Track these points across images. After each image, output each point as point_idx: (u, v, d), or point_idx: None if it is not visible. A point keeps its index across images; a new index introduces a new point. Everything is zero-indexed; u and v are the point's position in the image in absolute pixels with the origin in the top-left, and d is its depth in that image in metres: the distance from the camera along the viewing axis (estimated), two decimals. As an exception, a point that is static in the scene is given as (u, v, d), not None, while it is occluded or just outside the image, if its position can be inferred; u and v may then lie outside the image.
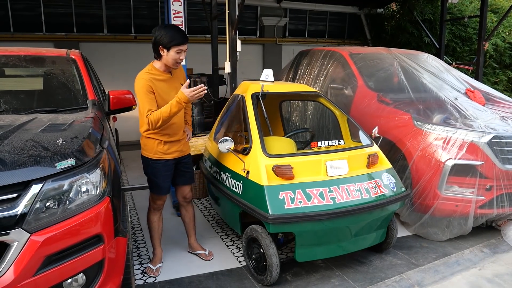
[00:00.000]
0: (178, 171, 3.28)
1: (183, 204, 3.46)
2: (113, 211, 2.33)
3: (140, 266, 3.40)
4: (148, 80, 2.97)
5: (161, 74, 3.05)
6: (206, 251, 3.52)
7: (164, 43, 2.92)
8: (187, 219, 3.51)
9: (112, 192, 2.38)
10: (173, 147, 3.15)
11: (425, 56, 5.53)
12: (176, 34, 2.92)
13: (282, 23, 9.48)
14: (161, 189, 3.21)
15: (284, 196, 2.87)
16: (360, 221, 3.04)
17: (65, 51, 3.85)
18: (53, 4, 7.95)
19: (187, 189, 3.40)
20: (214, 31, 6.12)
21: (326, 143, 3.27)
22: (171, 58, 2.95)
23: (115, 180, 2.60)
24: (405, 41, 8.54)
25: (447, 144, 3.70)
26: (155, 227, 3.35)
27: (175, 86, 3.10)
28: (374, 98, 4.53)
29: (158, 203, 3.31)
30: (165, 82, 3.06)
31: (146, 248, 3.72)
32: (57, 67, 3.60)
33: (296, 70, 6.05)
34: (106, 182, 2.33)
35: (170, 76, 3.10)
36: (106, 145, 2.65)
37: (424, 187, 3.77)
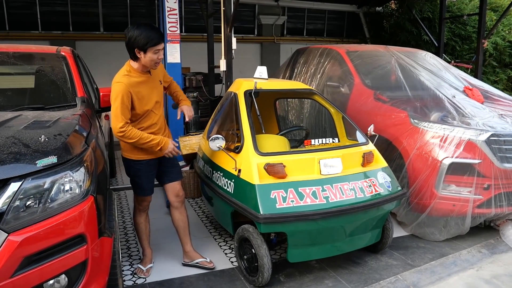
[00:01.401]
0: (163, 169, 3.14)
1: (175, 205, 3.22)
2: (98, 210, 2.26)
3: (130, 267, 3.33)
4: (128, 85, 2.80)
5: (140, 75, 2.89)
6: (207, 258, 3.28)
7: (140, 45, 2.74)
8: (182, 224, 3.23)
9: (97, 191, 2.31)
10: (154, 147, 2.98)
11: (423, 54, 5.46)
12: (151, 34, 2.74)
13: (280, 22, 9.42)
14: (145, 190, 3.11)
15: (276, 195, 2.80)
16: (354, 220, 2.97)
17: (56, 48, 3.80)
18: (49, 2, 7.90)
19: (177, 186, 3.19)
20: (210, 29, 6.07)
21: (320, 141, 3.20)
22: (149, 59, 2.79)
23: (101, 178, 2.53)
24: (404, 40, 8.47)
25: (444, 142, 3.63)
26: (142, 228, 3.24)
27: (155, 86, 3.00)
28: (370, 96, 4.46)
29: (143, 204, 3.20)
30: (145, 84, 2.91)
31: (137, 249, 3.64)
32: (46, 64, 3.54)
33: (293, 68, 5.99)
34: (90, 180, 2.26)
35: (149, 76, 2.95)
36: (92, 143, 2.58)
37: (421, 186, 3.70)
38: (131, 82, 2.82)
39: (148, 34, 2.74)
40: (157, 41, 2.76)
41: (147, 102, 2.93)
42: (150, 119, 2.98)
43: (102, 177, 2.57)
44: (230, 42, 5.15)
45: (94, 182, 2.30)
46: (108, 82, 8.05)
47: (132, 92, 2.83)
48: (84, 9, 8.12)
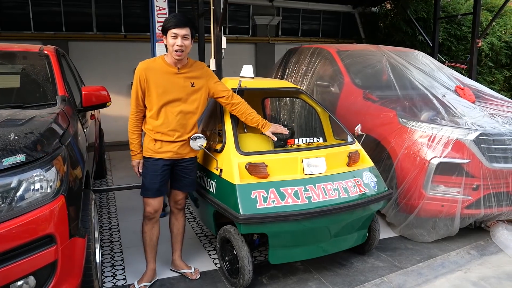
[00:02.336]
0: (176, 174, 2.98)
1: (173, 211, 3.14)
2: (69, 210, 2.20)
3: (112, 268, 3.27)
4: (145, 68, 2.78)
5: (165, 66, 2.81)
6: (191, 269, 3.15)
7: (163, 29, 2.76)
8: (175, 230, 3.13)
9: (69, 190, 2.26)
10: (166, 147, 2.86)
11: (415, 53, 5.41)
12: (171, 18, 2.71)
13: (275, 22, 9.37)
14: (146, 190, 2.90)
15: (257, 195, 2.74)
16: (337, 221, 2.91)
17: (39, 46, 3.75)
18: (42, 2, 7.85)
19: (179, 195, 3.06)
20: (200, 29, 6.01)
21: (304, 141, 3.14)
22: (169, 44, 2.72)
23: (76, 178, 2.48)
24: (400, 40, 8.41)
25: (432, 142, 3.57)
26: (146, 239, 3.00)
27: (181, 84, 2.83)
28: (360, 95, 4.40)
29: (147, 210, 2.94)
30: (168, 76, 2.80)
31: (120, 250, 3.59)
32: (28, 63, 3.50)
33: (285, 68, 5.94)
34: (61, 180, 2.21)
35: (176, 72, 2.82)
36: (67, 142, 2.53)
37: (409, 186, 3.64)
38: (150, 67, 2.80)
39: (169, 18, 2.74)
40: (174, 23, 2.68)
41: (164, 95, 2.80)
42: (163, 116, 2.83)
43: (77, 177, 2.52)
44: (220, 41, 5.09)
45: (66, 182, 2.25)
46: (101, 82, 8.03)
47: (148, 76, 2.77)
48: (77, 9, 8.08)
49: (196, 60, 3.00)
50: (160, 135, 2.83)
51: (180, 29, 2.69)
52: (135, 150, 2.92)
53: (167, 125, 2.83)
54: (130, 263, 3.33)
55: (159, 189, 2.91)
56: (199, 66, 2.97)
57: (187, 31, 2.72)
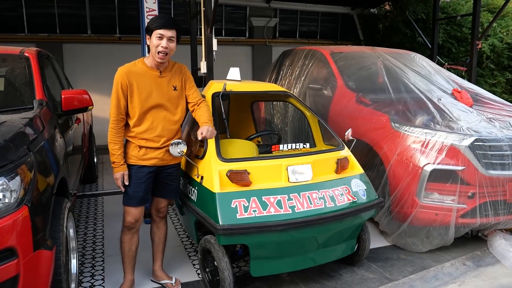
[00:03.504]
0: (159, 182, 2.86)
1: (155, 219, 3.01)
2: (33, 221, 2.08)
3: (91, 278, 3.15)
4: (126, 72, 2.66)
5: (146, 70, 2.70)
6: (172, 279, 3.01)
7: (147, 29, 2.65)
8: (157, 239, 3.01)
9: (35, 199, 2.14)
10: (150, 154, 2.74)
11: (412, 55, 5.27)
12: (159, 19, 2.62)
13: (272, 24, 9.25)
14: (130, 198, 2.77)
15: (237, 204, 2.61)
16: (323, 231, 2.77)
17: (20, 49, 3.63)
18: (36, 4, 7.77)
19: (162, 202, 2.94)
20: (193, 30, 5.91)
21: (289, 147, 3.01)
22: (153, 45, 2.61)
23: (46, 186, 2.36)
24: (399, 42, 8.26)
25: (426, 147, 3.43)
26: (125, 250, 2.88)
27: (164, 88, 2.71)
28: (353, 98, 4.27)
29: (128, 220, 2.81)
30: (150, 79, 2.69)
31: (102, 259, 3.47)
32: (7, 66, 3.39)
33: (279, 70, 5.82)
34: (25, 189, 2.09)
35: (158, 75, 2.71)
36: (38, 148, 2.41)
37: (402, 194, 3.50)
38: (131, 70, 2.68)
39: (155, 18, 2.65)
40: (160, 25, 2.58)
41: (148, 100, 2.68)
42: (148, 122, 2.71)
43: (48, 184, 2.40)
44: (211, 43, 4.98)
45: (31, 191, 2.13)
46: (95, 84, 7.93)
47: (130, 80, 2.64)
48: (71, 11, 7.99)
49: (176, 62, 2.86)
50: (145, 141, 2.71)
51: (167, 31, 2.58)
52: (118, 161, 2.72)
53: (152, 131, 2.72)
54: (110, 273, 3.21)
55: (143, 197, 2.79)
56: (180, 68, 2.85)
57: (173, 33, 2.62)
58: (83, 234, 4.00)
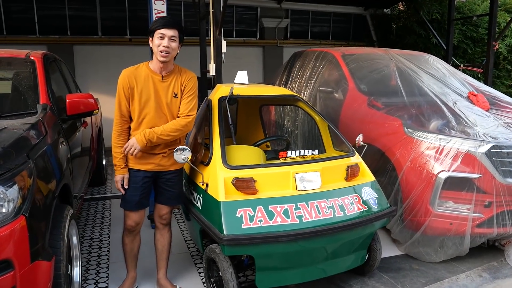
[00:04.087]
0: (158, 188, 2.85)
1: (158, 226, 2.96)
2: (31, 232, 2.02)
3: (95, 286, 3.09)
4: (126, 76, 2.64)
5: (148, 73, 2.66)
6: None
7: (149, 31, 2.64)
8: (160, 246, 2.95)
9: (33, 209, 2.08)
10: (148, 158, 2.72)
11: (426, 57, 5.12)
12: (160, 19, 2.60)
13: (283, 25, 9.15)
14: (126, 202, 2.79)
15: (243, 213, 2.52)
16: (332, 242, 2.67)
17: (26, 52, 3.59)
18: (47, 6, 7.79)
19: (164, 209, 2.89)
20: (202, 31, 5.83)
21: (297, 153, 2.91)
22: (154, 45, 2.59)
23: (46, 193, 2.29)
24: (412, 43, 8.09)
25: (440, 154, 3.30)
26: (127, 250, 2.92)
27: (164, 93, 2.67)
28: (364, 102, 4.15)
29: (128, 223, 2.83)
30: (151, 83, 2.65)
31: (107, 265, 3.41)
32: (11, 69, 3.36)
33: (290, 72, 5.72)
34: (23, 198, 2.03)
35: (160, 80, 2.67)
36: (39, 155, 2.36)
37: (415, 202, 3.37)
38: (134, 73, 2.65)
39: (156, 20, 2.65)
40: (161, 25, 2.57)
41: (147, 104, 2.65)
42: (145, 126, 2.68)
43: (49, 191, 2.33)
44: (220, 45, 4.90)
45: (30, 200, 2.07)
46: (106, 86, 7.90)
47: (131, 83, 2.63)
48: (82, 13, 7.99)
49: (187, 70, 2.81)
50: None
51: (168, 30, 2.56)
52: (119, 164, 2.72)
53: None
54: (114, 281, 3.14)
55: (139, 201, 2.78)
56: (187, 76, 2.77)
57: (175, 33, 2.59)
58: (89, 239, 3.95)
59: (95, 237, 4.00)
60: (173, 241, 3.82)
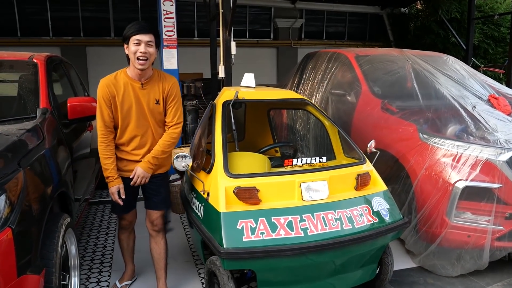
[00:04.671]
0: (145, 193, 2.83)
1: (151, 234, 2.89)
2: (17, 244, 1.93)
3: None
4: (106, 86, 2.58)
5: (127, 81, 2.60)
6: None
7: (124, 38, 2.58)
8: (156, 255, 2.87)
9: (22, 220, 1.98)
10: (131, 166, 2.70)
11: (444, 58, 4.90)
12: (134, 25, 2.54)
13: (298, 25, 8.99)
14: (115, 207, 2.83)
15: (244, 225, 2.39)
16: (339, 256, 2.51)
17: (29, 55, 3.53)
18: (60, 8, 7.82)
19: (154, 214, 2.84)
20: (212, 32, 5.73)
21: (304, 161, 2.76)
22: (131, 52, 2.52)
23: (38, 202, 2.20)
24: (431, 43, 7.84)
25: (457, 162, 3.10)
26: (123, 246, 3.03)
27: (145, 101, 2.62)
28: (378, 105, 3.97)
29: (122, 223, 2.94)
30: (131, 91, 2.60)
31: (109, 274, 3.32)
32: (13, 72, 3.30)
33: (302, 74, 5.57)
34: (12, 208, 1.94)
35: (140, 87, 2.61)
36: (31, 162, 2.27)
37: (430, 212, 3.18)
38: (113, 82, 2.59)
39: (130, 25, 2.56)
40: (136, 30, 2.50)
41: (129, 113, 2.61)
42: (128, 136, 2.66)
43: (42, 200, 2.24)
44: (229, 46, 4.79)
45: (17, 211, 1.98)
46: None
47: (110, 92, 2.56)
48: (95, 14, 8.02)
49: (167, 74, 2.75)
50: (125, 154, 2.70)
51: (144, 35, 2.49)
52: (112, 175, 2.65)
53: (132, 144, 2.69)
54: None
55: (127, 205, 2.80)
56: (166, 81, 2.70)
57: (151, 38, 2.53)
58: (93, 244, 3.88)
59: (99, 242, 3.92)
60: (178, 248, 3.76)
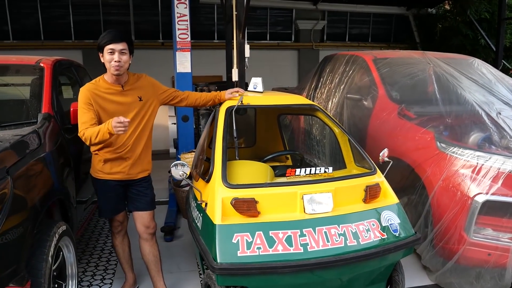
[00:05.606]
0: (130, 195, 2.82)
1: (144, 237, 2.84)
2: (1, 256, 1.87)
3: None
4: (88, 91, 2.60)
5: (108, 87, 2.64)
6: None
7: (98, 47, 2.60)
8: (153, 258, 2.86)
9: (5, 231, 1.92)
10: (116, 168, 2.69)
11: (470, 60, 4.63)
12: (107, 34, 2.56)
13: (319, 27, 8.79)
14: (103, 211, 2.85)
15: (239, 239, 2.25)
16: (341, 275, 2.35)
17: (38, 59, 3.51)
18: (82, 12, 7.92)
19: (145, 216, 2.82)
20: (227, 35, 5.62)
21: (308, 171, 2.60)
22: (106, 61, 2.57)
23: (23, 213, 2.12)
24: (459, 44, 7.49)
25: (477, 174, 2.87)
26: (119, 252, 3.00)
27: (129, 101, 2.67)
28: (394, 111, 3.76)
29: (114, 225, 2.92)
30: (113, 96, 2.64)
31: (111, 281, 3.27)
32: (18, 77, 3.29)
33: (319, 77, 5.40)
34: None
35: (121, 90, 2.66)
36: (21, 170, 2.22)
37: (447, 227, 2.97)
38: (94, 89, 2.61)
39: (103, 35, 2.58)
40: (109, 40, 2.53)
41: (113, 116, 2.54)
42: (114, 138, 2.63)
43: (26, 210, 2.17)
44: (243, 49, 4.67)
45: (0, 221, 1.92)
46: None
47: (94, 98, 2.58)
48: (115, 17, 8.08)
49: (135, 73, 2.80)
50: (110, 154, 2.66)
51: (117, 44, 2.53)
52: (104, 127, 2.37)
53: (120, 147, 2.67)
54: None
55: (114, 208, 2.82)
56: (142, 78, 2.79)
57: (124, 46, 2.56)
58: (100, 250, 3.84)
59: (106, 248, 3.88)
60: (184, 256, 3.67)
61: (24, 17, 7.78)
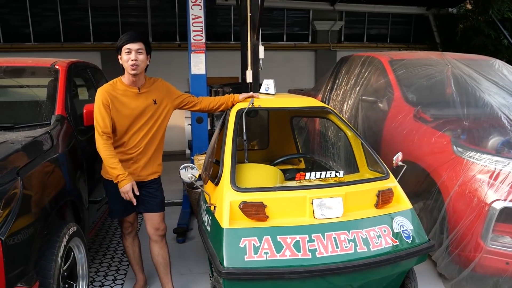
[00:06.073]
0: (140, 196, 2.78)
1: (154, 239, 2.85)
2: (7, 256, 1.89)
3: (104, 306, 2.97)
4: (106, 92, 2.64)
5: (125, 88, 2.68)
6: None
7: (117, 49, 2.66)
8: (162, 260, 2.87)
9: (14, 231, 1.95)
10: (127, 169, 2.67)
11: (491, 61, 4.48)
12: (124, 35, 2.63)
13: (337, 27, 8.70)
14: (114, 212, 2.91)
15: (247, 243, 2.23)
16: (349, 282, 2.30)
17: (53, 61, 3.56)
18: (101, 14, 8.03)
19: (155, 217, 2.82)
20: (242, 36, 5.60)
21: (318, 175, 2.55)
22: (124, 61, 2.61)
23: (33, 214, 2.15)
24: (480, 45, 7.29)
25: (495, 179, 2.78)
26: (129, 253, 3.02)
27: (144, 104, 2.70)
28: (410, 113, 3.68)
29: (124, 226, 2.95)
30: (130, 99, 2.67)
31: (122, 282, 3.28)
32: (33, 79, 3.34)
33: (335, 78, 5.33)
34: (2, 219, 1.90)
35: (137, 93, 2.69)
36: (31, 172, 2.24)
37: (464, 234, 2.88)
38: (111, 90, 2.66)
39: (121, 36, 2.65)
40: (126, 40, 2.59)
41: (127, 120, 2.66)
42: (127, 140, 2.69)
43: (37, 212, 2.19)
44: (257, 51, 4.64)
45: (10, 222, 1.94)
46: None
47: (111, 99, 2.62)
48: (133, 19, 8.17)
49: (152, 77, 2.84)
50: (122, 155, 2.68)
51: (133, 44, 2.58)
52: (122, 173, 2.58)
53: (132, 148, 2.72)
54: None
55: (124, 208, 2.83)
56: (157, 82, 2.83)
57: (141, 45, 2.62)
58: (113, 250, 3.87)
59: (119, 248, 3.90)
60: (195, 259, 3.66)
61: (44, 19, 7.94)
